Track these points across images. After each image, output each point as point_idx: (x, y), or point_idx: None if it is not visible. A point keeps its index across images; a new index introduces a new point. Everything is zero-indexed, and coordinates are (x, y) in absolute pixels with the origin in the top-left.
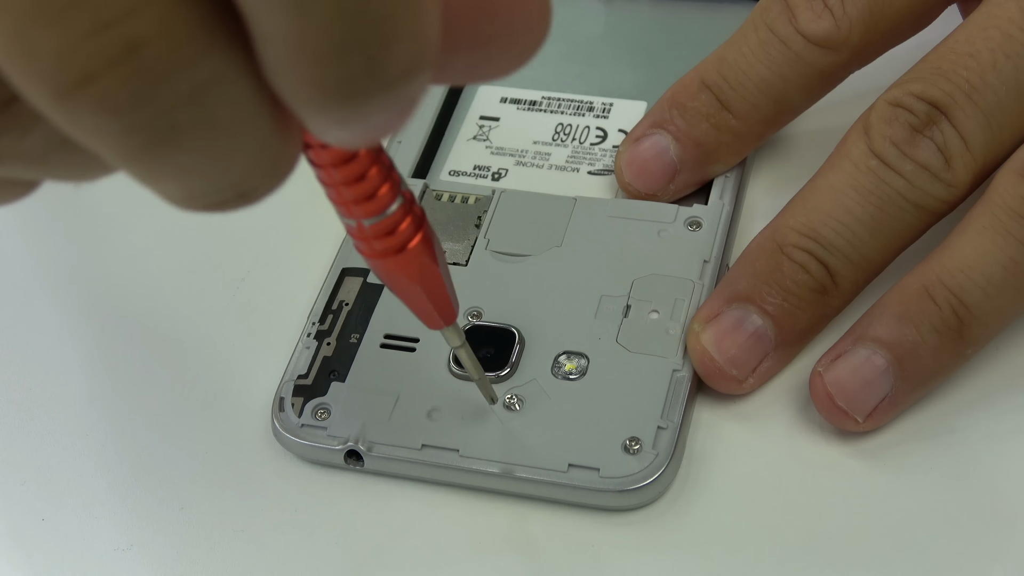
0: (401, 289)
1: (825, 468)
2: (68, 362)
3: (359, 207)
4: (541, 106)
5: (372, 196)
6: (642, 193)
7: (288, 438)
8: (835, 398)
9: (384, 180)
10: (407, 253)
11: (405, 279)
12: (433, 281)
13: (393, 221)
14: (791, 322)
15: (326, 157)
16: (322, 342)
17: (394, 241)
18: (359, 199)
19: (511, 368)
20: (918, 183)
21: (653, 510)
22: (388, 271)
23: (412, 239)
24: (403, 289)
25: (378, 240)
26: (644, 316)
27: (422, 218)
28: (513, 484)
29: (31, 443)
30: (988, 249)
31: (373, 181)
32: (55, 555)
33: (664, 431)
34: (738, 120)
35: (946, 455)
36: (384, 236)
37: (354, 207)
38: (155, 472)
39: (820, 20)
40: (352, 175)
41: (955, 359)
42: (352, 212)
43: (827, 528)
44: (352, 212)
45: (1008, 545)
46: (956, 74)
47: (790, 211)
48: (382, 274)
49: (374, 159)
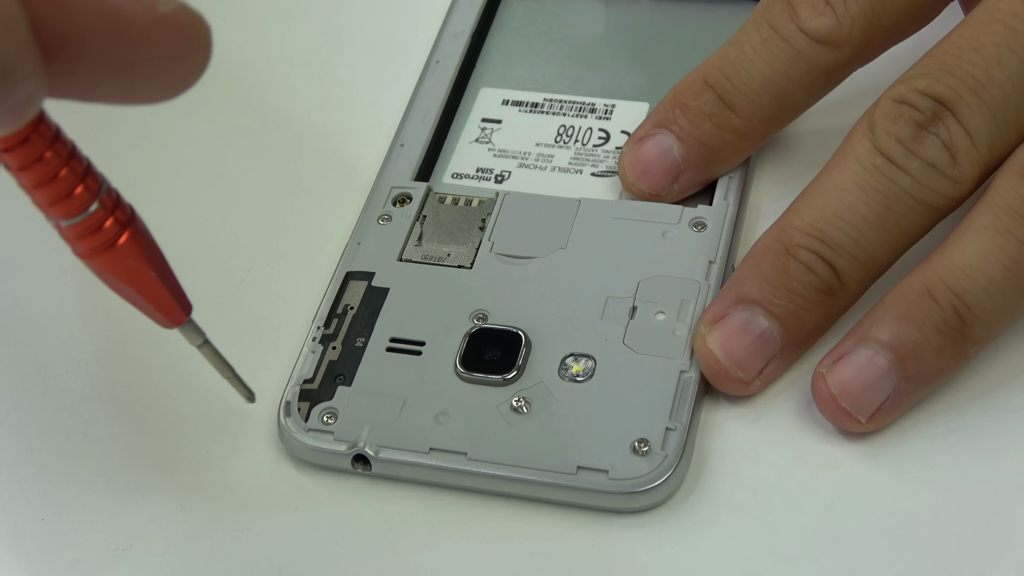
0: (118, 289)
1: (829, 469)
2: (68, 362)
3: (54, 208)
4: (543, 108)
5: (67, 197)
6: (646, 193)
7: (295, 442)
8: (838, 399)
9: (78, 181)
10: (113, 252)
11: (117, 280)
12: (147, 281)
13: (93, 222)
14: (798, 323)
15: (9, 160)
16: (328, 346)
17: (97, 241)
18: (53, 200)
19: (518, 371)
20: (924, 180)
21: (662, 511)
22: (98, 271)
23: (119, 237)
24: (120, 289)
25: (81, 241)
26: (650, 317)
27: (131, 217)
28: (521, 487)
29: (31, 443)
30: (989, 249)
31: (65, 182)
32: (55, 555)
33: (673, 432)
34: (741, 119)
35: (947, 455)
36: (86, 236)
37: (49, 208)
38: (155, 472)
39: (822, 17)
40: (41, 177)
41: (957, 359)
42: (49, 213)
43: (833, 529)
44: (49, 213)
45: (1009, 546)
46: (961, 69)
47: (795, 211)
48: (99, 274)
49: (64, 161)
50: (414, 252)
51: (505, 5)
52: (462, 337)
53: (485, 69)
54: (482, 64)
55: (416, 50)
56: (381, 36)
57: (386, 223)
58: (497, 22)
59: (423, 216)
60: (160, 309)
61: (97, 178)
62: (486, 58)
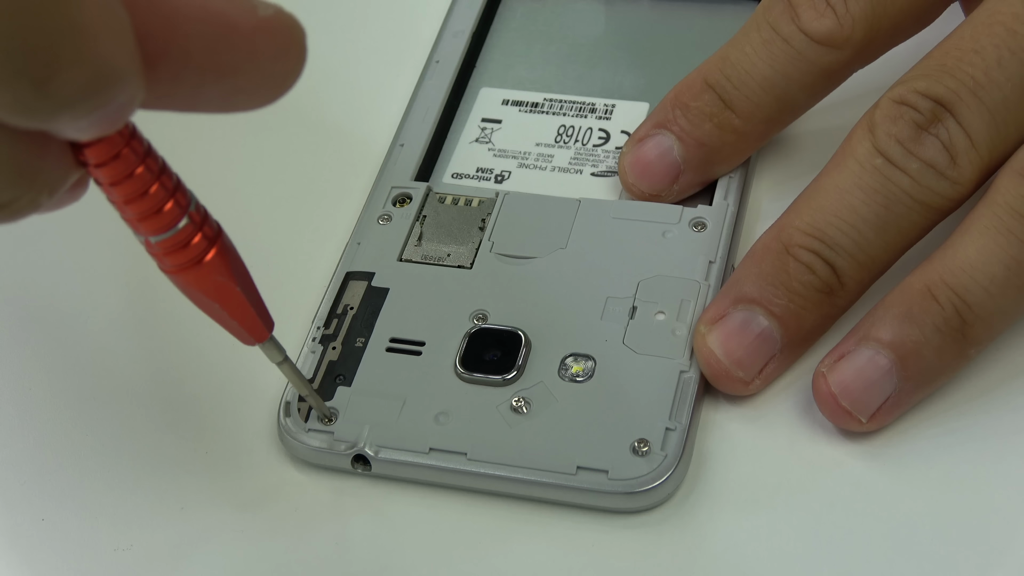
0: (203, 305)
1: (829, 469)
2: (69, 361)
3: (144, 224)
4: (543, 108)
5: (157, 212)
6: (646, 193)
7: (295, 442)
8: (839, 398)
9: (168, 197)
10: (200, 268)
11: (203, 295)
12: (232, 297)
13: (182, 238)
14: (797, 323)
15: (104, 175)
16: (327, 346)
17: (185, 257)
18: (143, 216)
19: (518, 371)
20: (924, 181)
21: (662, 512)
22: (184, 287)
23: (207, 253)
24: (205, 305)
25: (168, 257)
26: (650, 317)
27: (217, 234)
28: (521, 487)
29: (31, 443)
30: (991, 249)
31: (155, 198)
32: (55, 555)
33: (672, 432)
34: (741, 119)
35: (947, 455)
36: (174, 252)
37: (139, 224)
38: (155, 472)
39: (822, 18)
40: (132, 193)
41: (958, 359)
42: (139, 229)
43: (833, 529)
44: (139, 229)
45: (1009, 546)
46: (961, 71)
47: (795, 211)
48: (185, 290)
49: (155, 177)
50: (414, 252)
51: (505, 5)
52: (462, 337)
53: (485, 69)
54: (482, 64)
55: (416, 50)
56: (381, 36)
57: (386, 223)
58: (497, 22)
59: (423, 216)
60: (244, 325)
61: (186, 194)
62: (486, 58)
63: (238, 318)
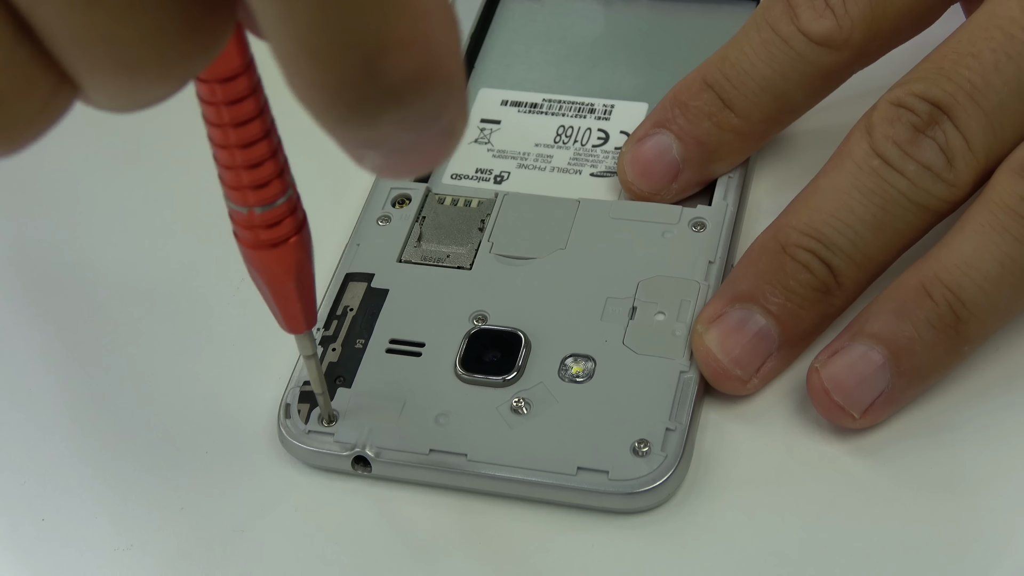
0: (269, 285)
1: (829, 469)
2: (69, 362)
3: (250, 193)
4: (542, 108)
5: (265, 185)
6: (645, 193)
7: (295, 444)
8: (831, 394)
9: (278, 173)
10: (283, 248)
11: (275, 275)
12: (305, 280)
13: (280, 212)
14: (794, 322)
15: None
16: (327, 348)
17: (273, 234)
18: (252, 184)
19: (518, 372)
20: (921, 183)
21: (662, 512)
22: (260, 264)
23: (291, 237)
24: (271, 285)
25: (259, 230)
26: (650, 318)
27: (304, 221)
28: (522, 488)
29: (31, 443)
30: (986, 247)
31: (267, 170)
32: (55, 555)
33: (673, 433)
34: (740, 119)
35: (946, 455)
36: (265, 228)
37: (245, 192)
38: (155, 472)
39: (822, 19)
40: (251, 160)
41: (952, 356)
42: (241, 198)
43: (832, 529)
44: (241, 198)
45: (1006, 545)
46: (958, 74)
47: (793, 211)
48: (260, 266)
49: (273, 151)
50: (413, 253)
51: (504, 6)
52: (462, 338)
53: (484, 69)
54: (481, 64)
55: None
56: None
57: (385, 224)
58: (496, 23)
59: (422, 217)
60: (291, 313)
61: (289, 176)
62: (485, 58)
63: (290, 304)
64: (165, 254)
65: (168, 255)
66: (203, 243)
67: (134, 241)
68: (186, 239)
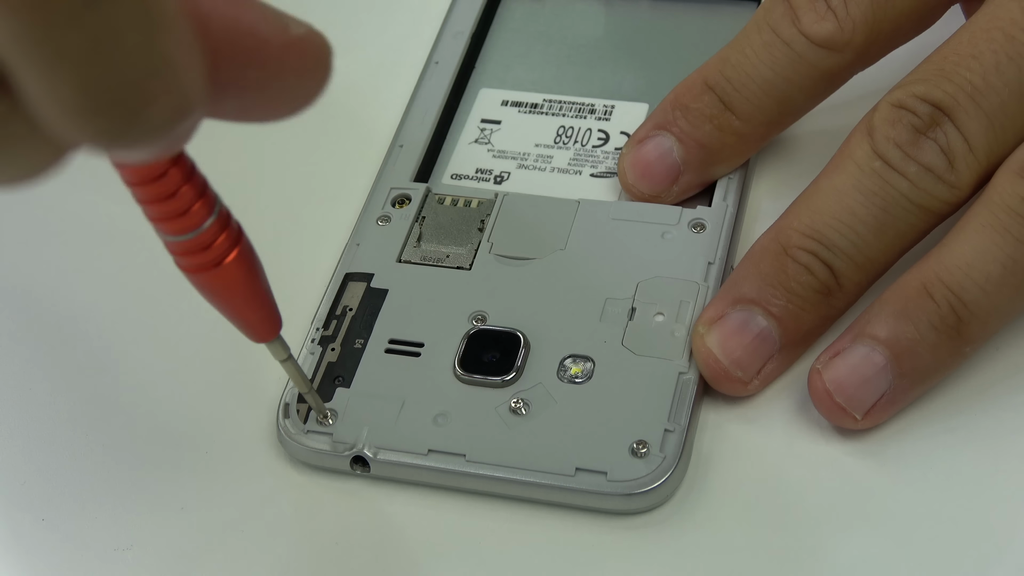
0: (221, 303)
1: (828, 469)
2: (69, 361)
3: (171, 223)
4: (543, 109)
5: (184, 213)
6: (646, 195)
7: (294, 444)
8: (833, 395)
9: (196, 198)
10: (222, 268)
11: (223, 294)
12: (251, 296)
13: (208, 237)
14: (796, 323)
15: (135, 177)
16: (326, 348)
17: (210, 256)
18: (171, 216)
19: (516, 372)
20: (922, 184)
21: (660, 513)
22: (205, 286)
23: (228, 255)
24: (223, 303)
25: (190, 256)
26: (649, 319)
27: (239, 234)
28: (520, 489)
29: (31, 443)
30: (987, 247)
31: (184, 199)
32: (55, 555)
33: (671, 434)
34: (741, 121)
35: (946, 455)
36: (200, 252)
37: (167, 224)
38: (155, 472)
39: (823, 22)
40: (163, 193)
41: (954, 357)
42: (166, 229)
43: (832, 529)
44: (166, 229)
45: (1008, 545)
46: (959, 75)
47: (794, 212)
48: (200, 288)
49: (186, 178)
50: (413, 253)
51: (505, 6)
52: (461, 338)
53: (485, 70)
54: (482, 65)
55: (416, 50)
56: (381, 36)
57: (385, 224)
58: (497, 23)
59: (422, 217)
60: (254, 324)
61: (212, 195)
62: (486, 59)
63: (249, 317)
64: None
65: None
66: None
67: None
68: None
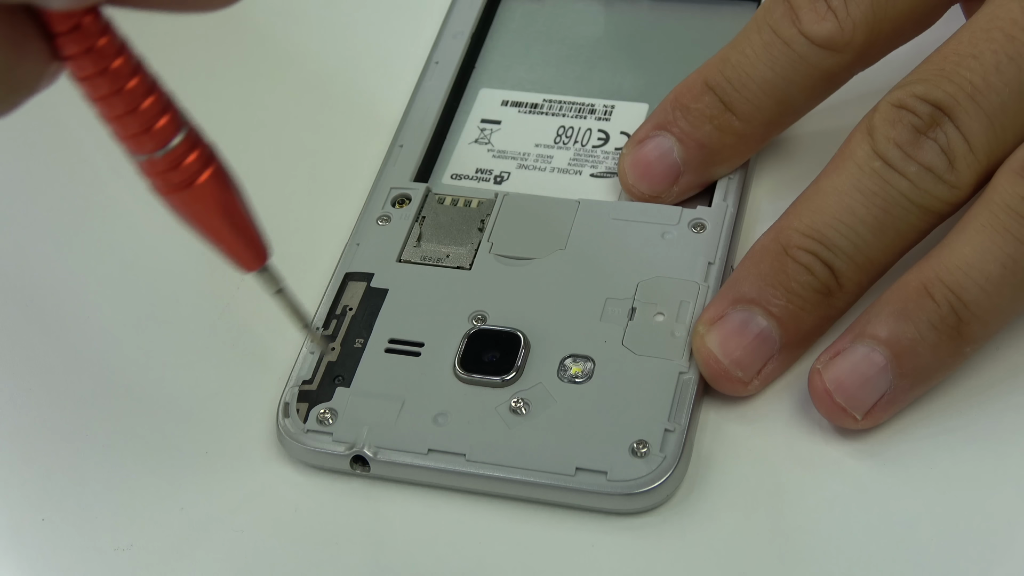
0: (199, 227)
1: (828, 469)
2: (69, 362)
3: (138, 141)
4: (543, 109)
5: (149, 129)
6: (646, 195)
7: (293, 444)
8: (833, 395)
9: (161, 113)
10: (195, 189)
11: (200, 217)
12: (230, 219)
13: (176, 155)
14: (796, 324)
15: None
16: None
17: (181, 176)
18: (137, 132)
19: (517, 372)
20: (922, 184)
21: (661, 513)
22: (180, 208)
23: (200, 175)
24: (201, 227)
25: (164, 175)
26: (649, 319)
27: (211, 154)
28: (520, 488)
29: (31, 443)
30: (987, 247)
31: (148, 114)
32: (55, 555)
33: (671, 434)
34: (741, 122)
35: (947, 455)
36: (170, 171)
37: (134, 141)
38: (155, 472)
39: (823, 22)
40: (126, 107)
41: (954, 357)
42: (133, 146)
43: (832, 530)
44: (133, 146)
45: (1008, 545)
46: (959, 75)
47: (794, 213)
48: (176, 213)
49: (148, 91)
50: (413, 253)
51: (504, 6)
52: (461, 338)
53: (485, 70)
54: (481, 65)
55: (416, 50)
56: (381, 37)
57: (385, 224)
58: (497, 23)
59: (422, 217)
60: (237, 252)
61: (178, 112)
62: (486, 59)
63: (231, 242)
64: (164, 253)
65: (168, 254)
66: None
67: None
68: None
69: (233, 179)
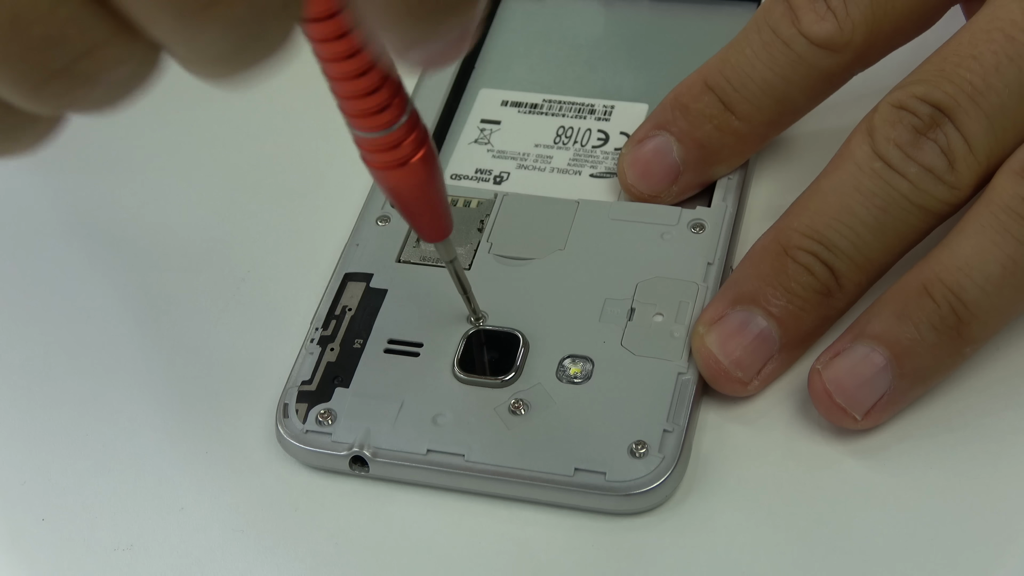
0: (402, 201)
1: (828, 469)
2: (69, 362)
3: (368, 120)
4: (542, 109)
5: (381, 111)
6: (645, 194)
7: (293, 444)
8: (833, 395)
9: (392, 97)
10: (409, 167)
11: (406, 192)
12: (431, 197)
13: (398, 136)
14: (796, 324)
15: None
16: (326, 348)
17: (399, 155)
18: (368, 113)
19: (516, 372)
20: (922, 185)
21: (660, 513)
22: (390, 183)
23: (415, 155)
24: (404, 201)
25: (384, 153)
26: (648, 319)
27: (426, 135)
28: (519, 489)
29: (31, 443)
30: (987, 248)
31: (382, 96)
32: (55, 555)
33: (670, 434)
34: (741, 122)
35: (947, 455)
36: (390, 150)
37: (363, 120)
38: (155, 472)
39: (823, 22)
40: (363, 89)
41: (954, 357)
42: (361, 125)
43: (832, 530)
44: (361, 125)
45: (1009, 545)
46: (959, 76)
47: (794, 213)
48: (384, 186)
49: (384, 77)
50: (412, 253)
51: (504, 6)
52: (460, 338)
53: (484, 70)
54: (481, 65)
55: None
56: None
57: (385, 224)
58: (496, 23)
59: None
60: (428, 224)
61: (405, 96)
62: (485, 59)
63: (426, 216)
64: (165, 254)
65: (168, 255)
66: (201, 243)
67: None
68: (186, 239)
69: (437, 162)
